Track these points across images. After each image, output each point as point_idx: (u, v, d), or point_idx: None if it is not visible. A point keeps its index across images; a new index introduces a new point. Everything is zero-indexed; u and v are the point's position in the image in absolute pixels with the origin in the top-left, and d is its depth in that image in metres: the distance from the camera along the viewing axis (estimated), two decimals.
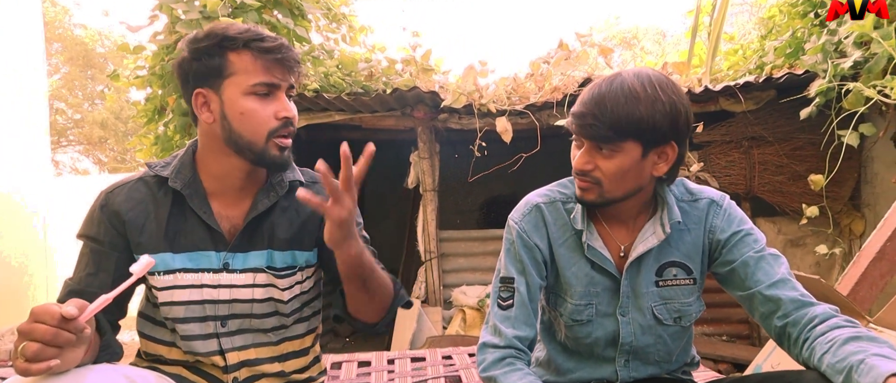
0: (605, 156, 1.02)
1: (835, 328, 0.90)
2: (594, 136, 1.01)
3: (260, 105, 1.06)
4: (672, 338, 1.14)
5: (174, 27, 3.34)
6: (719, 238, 1.09)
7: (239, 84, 1.05)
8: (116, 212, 1.13)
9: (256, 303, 1.16)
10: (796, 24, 3.43)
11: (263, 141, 1.07)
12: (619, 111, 0.97)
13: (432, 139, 3.73)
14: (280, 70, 1.07)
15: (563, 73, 3.16)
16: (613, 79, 1.02)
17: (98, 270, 1.11)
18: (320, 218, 1.17)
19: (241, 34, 1.04)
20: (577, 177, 1.08)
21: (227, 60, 1.05)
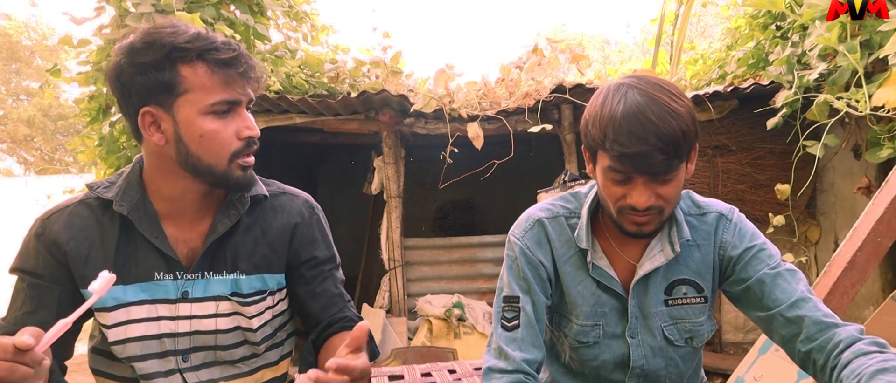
0: (662, 183, 0.92)
1: (860, 355, 0.84)
2: (661, 172, 0.91)
3: (221, 125, 0.94)
4: (683, 360, 1.08)
5: (123, 21, 3.11)
6: (731, 254, 1.03)
7: (195, 102, 0.92)
8: (55, 242, 0.98)
9: (221, 334, 1.04)
10: (759, 36, 3.50)
11: (226, 163, 0.96)
12: (675, 136, 0.88)
13: (397, 144, 3.61)
14: (240, 84, 0.94)
15: (534, 78, 3.11)
16: (635, 97, 0.89)
17: (37, 308, 0.97)
18: (290, 235, 1.08)
19: (191, 43, 0.90)
20: (637, 214, 0.95)
21: (178, 75, 0.90)
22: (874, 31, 2.40)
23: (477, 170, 3.31)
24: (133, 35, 0.93)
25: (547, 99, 3.02)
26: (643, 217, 0.94)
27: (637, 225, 0.96)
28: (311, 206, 1.14)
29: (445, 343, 3.42)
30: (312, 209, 1.14)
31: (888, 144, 2.39)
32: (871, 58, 2.41)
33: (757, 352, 1.87)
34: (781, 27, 3.37)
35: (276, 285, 1.08)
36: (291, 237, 1.08)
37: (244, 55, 0.95)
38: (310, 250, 1.10)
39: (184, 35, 0.90)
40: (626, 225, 0.97)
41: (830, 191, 3.59)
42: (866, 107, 2.30)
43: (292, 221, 1.09)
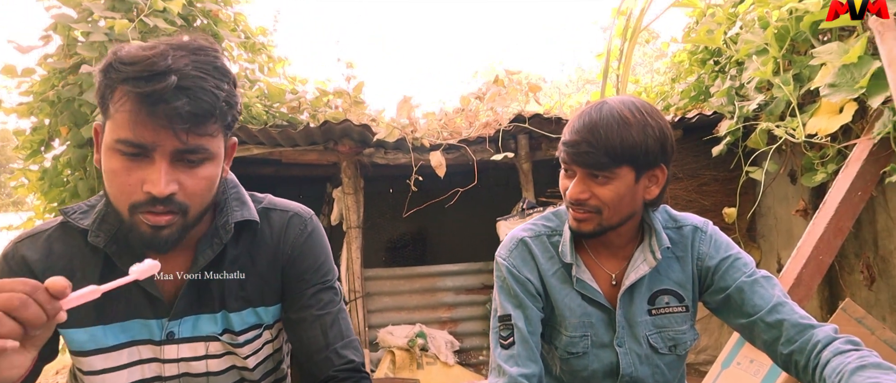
0: (600, 183, 1.01)
1: (839, 354, 0.90)
2: (589, 164, 1.00)
3: (123, 166, 0.78)
4: (669, 368, 1.13)
5: (71, 50, 3.02)
6: (709, 265, 1.10)
7: (110, 132, 0.78)
8: (27, 266, 0.87)
9: (213, 376, 0.96)
10: (699, 70, 3.73)
11: (127, 213, 0.80)
12: (612, 137, 0.97)
13: (357, 174, 3.61)
14: (153, 128, 0.75)
15: (493, 108, 3.20)
16: (601, 106, 1.02)
17: None
18: (282, 264, 0.98)
19: (127, 63, 0.75)
20: (572, 207, 1.06)
21: (111, 96, 0.78)
22: (804, 65, 2.61)
23: (440, 199, 3.34)
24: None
25: (507, 128, 3.11)
26: (580, 213, 1.04)
27: (576, 221, 1.05)
28: (303, 224, 1.02)
29: (408, 373, 3.38)
30: (304, 227, 1.02)
31: (822, 169, 2.58)
32: (803, 89, 2.62)
33: (720, 367, 1.96)
34: (719, 62, 3.61)
35: (271, 318, 1.00)
36: (282, 265, 0.99)
37: (173, 94, 0.75)
38: (298, 285, 0.99)
39: (128, 55, 0.77)
40: (570, 220, 1.05)
41: (769, 215, 3.81)
42: (801, 134, 2.48)
43: (282, 246, 0.98)
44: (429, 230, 6.35)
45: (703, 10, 3.70)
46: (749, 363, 1.82)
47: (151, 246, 0.82)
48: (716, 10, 3.45)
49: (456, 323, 3.82)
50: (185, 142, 0.78)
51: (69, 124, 3.03)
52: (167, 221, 0.81)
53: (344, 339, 0.98)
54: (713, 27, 3.36)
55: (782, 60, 2.73)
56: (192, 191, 0.82)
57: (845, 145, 2.46)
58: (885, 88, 2.00)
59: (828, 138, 2.45)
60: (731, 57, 3.30)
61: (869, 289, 2.85)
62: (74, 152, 3.05)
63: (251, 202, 1.00)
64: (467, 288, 3.85)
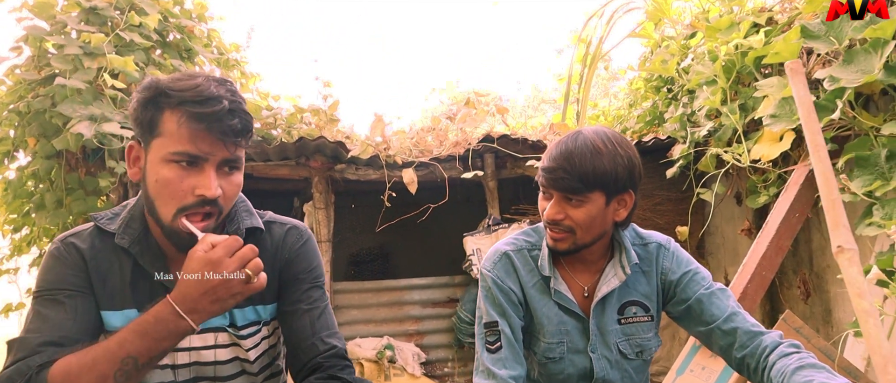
0: (574, 206, 1.14)
1: (782, 357, 1.06)
2: (565, 188, 1.12)
3: (177, 175, 0.94)
4: (636, 372, 1.26)
5: (42, 61, 3.00)
6: (671, 279, 1.25)
7: (162, 147, 0.94)
8: (80, 254, 1.01)
9: (220, 365, 1.08)
10: (653, 97, 3.98)
11: (171, 216, 0.96)
12: (585, 165, 1.10)
13: (328, 189, 3.68)
14: (209, 141, 0.94)
15: (462, 128, 3.35)
16: (576, 136, 1.15)
17: (76, 316, 0.98)
18: (279, 268, 1.12)
19: (180, 92, 0.93)
20: (549, 227, 1.18)
21: (160, 118, 0.94)
22: (749, 96, 2.86)
23: (412, 214, 3.45)
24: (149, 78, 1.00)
25: (476, 147, 3.25)
26: (556, 232, 1.17)
27: (553, 239, 1.18)
28: (299, 235, 1.17)
29: None
30: (300, 237, 1.16)
31: (764, 192, 2.81)
32: (748, 118, 2.86)
33: (675, 373, 2.12)
34: (672, 90, 3.87)
35: (269, 316, 1.13)
36: (280, 268, 1.13)
37: (225, 113, 0.94)
38: (293, 283, 1.12)
39: (181, 82, 0.95)
40: (547, 238, 1.19)
41: (717, 234, 4.07)
42: (747, 160, 2.71)
43: (280, 251, 1.13)
44: (394, 245, 6.43)
45: (658, 41, 3.96)
46: (701, 369, 1.99)
47: (186, 248, 0.96)
48: (670, 41, 3.71)
49: (422, 336, 3.91)
50: (232, 153, 0.97)
51: (38, 135, 3.00)
52: (205, 226, 0.98)
53: (329, 330, 1.11)
54: (667, 58, 3.60)
55: (729, 91, 2.97)
56: (228, 195, 1.00)
57: (785, 170, 2.70)
58: (820, 120, 2.23)
59: (770, 164, 2.69)
60: (683, 86, 3.55)
61: (805, 303, 3.10)
62: (42, 163, 3.03)
63: (257, 215, 1.15)
64: (434, 301, 3.95)
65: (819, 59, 2.59)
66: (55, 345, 0.93)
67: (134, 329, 0.89)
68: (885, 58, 2.06)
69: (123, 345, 0.87)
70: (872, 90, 2.32)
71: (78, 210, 3.17)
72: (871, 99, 2.42)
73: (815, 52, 2.57)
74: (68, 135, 2.69)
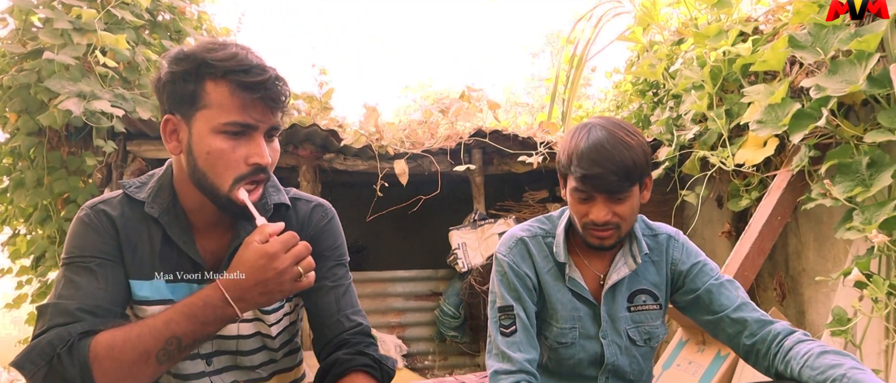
0: (618, 203, 1.15)
1: (801, 342, 1.10)
2: (612, 191, 1.13)
3: (229, 146, 0.95)
4: (643, 358, 1.30)
5: (27, 35, 2.92)
6: (681, 269, 1.29)
7: (210, 119, 0.94)
8: (112, 221, 1.01)
9: (242, 339, 1.09)
10: (639, 100, 4.06)
11: (228, 187, 0.97)
12: (626, 162, 1.11)
13: (316, 179, 3.66)
14: (260, 110, 0.95)
15: (453, 122, 3.37)
16: (598, 132, 1.14)
17: (108, 285, 0.97)
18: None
19: (223, 61, 0.93)
20: (595, 228, 1.17)
21: (203, 89, 0.94)
22: (735, 102, 2.94)
23: (402, 206, 3.46)
24: (180, 48, 1.00)
25: (468, 142, 3.28)
26: (603, 231, 1.17)
27: (599, 239, 1.18)
28: (324, 212, 1.18)
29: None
30: (325, 214, 1.18)
31: (746, 195, 2.90)
32: (733, 124, 2.94)
33: (661, 368, 2.18)
34: (658, 94, 3.95)
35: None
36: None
37: (272, 80, 0.95)
38: (317, 260, 1.07)
39: (219, 52, 0.94)
40: (589, 238, 1.19)
41: (697, 235, 4.17)
42: (731, 163, 2.80)
43: (306, 228, 1.14)
44: (377, 238, 6.41)
45: (646, 45, 4.04)
46: (688, 364, 2.05)
47: (240, 215, 1.00)
48: (658, 46, 3.79)
49: (404, 328, 3.92)
50: (278, 121, 0.99)
51: (19, 111, 2.92)
52: (259, 192, 1.01)
53: (353, 308, 1.13)
54: (655, 62, 3.68)
55: (715, 96, 3.06)
56: (274, 162, 1.03)
57: (767, 175, 2.79)
58: (805, 127, 2.32)
59: (753, 168, 2.77)
60: (669, 90, 3.63)
61: (780, 305, 3.21)
62: (24, 140, 2.95)
63: (283, 191, 1.15)
64: (416, 294, 3.97)
65: (802, 69, 2.69)
66: (91, 314, 0.93)
67: (181, 310, 0.89)
68: (869, 69, 2.15)
69: (169, 325, 0.88)
70: (854, 100, 2.42)
71: (59, 190, 3.10)
72: (853, 109, 2.52)
73: (798, 61, 2.66)
74: (55, 112, 2.63)
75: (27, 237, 3.43)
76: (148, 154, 3.25)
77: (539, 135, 3.33)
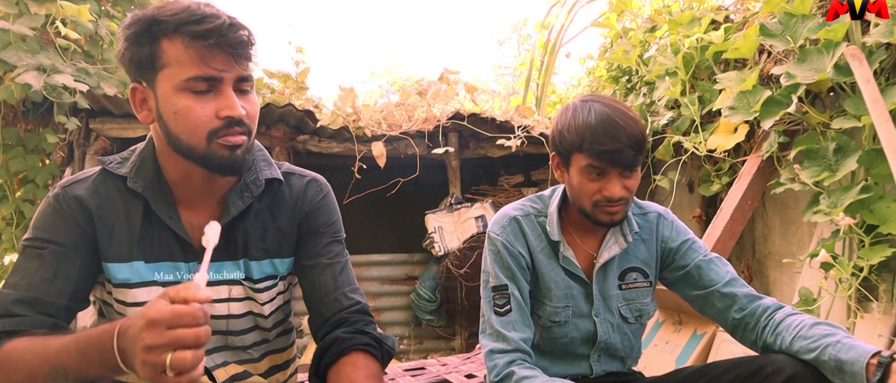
0: (629, 177, 1.15)
1: (791, 315, 1.12)
2: (630, 165, 1.13)
3: (196, 102, 0.89)
4: (634, 335, 1.32)
5: None
6: (671, 246, 1.30)
7: (171, 78, 0.89)
8: (83, 206, 0.95)
9: (233, 319, 1.04)
10: (613, 87, 4.11)
11: (205, 143, 0.91)
12: (638, 135, 1.13)
13: (289, 161, 3.59)
14: (221, 59, 0.89)
15: (430, 105, 3.35)
16: (601, 108, 1.14)
17: (56, 276, 0.92)
18: (298, 221, 1.08)
19: (173, 16, 0.87)
20: (609, 204, 1.15)
21: (159, 49, 0.88)
22: (707, 89, 3.00)
23: (382, 187, 3.43)
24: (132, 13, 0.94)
25: (446, 125, 3.26)
26: (615, 206, 1.16)
27: (610, 214, 1.18)
28: (319, 187, 1.13)
29: None
30: (320, 190, 1.13)
31: (717, 180, 2.97)
32: (705, 110, 3.00)
33: None
34: (631, 80, 4.00)
35: (286, 270, 1.09)
36: (299, 221, 1.09)
37: (228, 26, 0.88)
38: (312, 237, 1.09)
39: (166, 9, 0.88)
40: (600, 216, 1.18)
41: None
42: (704, 149, 2.86)
43: (300, 204, 1.09)
44: (352, 221, 6.33)
45: (620, 32, 4.08)
46: (665, 344, 2.09)
47: (228, 167, 0.93)
48: (632, 33, 3.83)
49: (380, 313, 3.90)
50: (245, 70, 0.93)
51: None
52: (241, 141, 0.93)
53: (351, 285, 1.10)
54: (628, 49, 3.72)
55: (688, 83, 3.12)
56: (252, 115, 0.95)
57: (738, 160, 2.86)
58: (775, 113, 2.38)
59: (724, 153, 2.84)
60: (643, 76, 3.68)
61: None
62: None
63: (275, 166, 1.10)
64: (392, 278, 3.95)
65: (771, 57, 2.76)
66: (28, 306, 0.88)
67: (77, 340, 0.81)
68: (836, 58, 2.21)
69: (60, 353, 0.80)
70: (821, 88, 2.49)
71: (15, 169, 2.96)
72: (819, 96, 2.60)
73: (767, 49, 2.73)
74: (12, 85, 2.50)
75: None
76: (112, 132, 3.12)
77: (516, 120, 3.33)
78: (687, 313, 2.06)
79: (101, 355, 0.77)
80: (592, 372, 1.30)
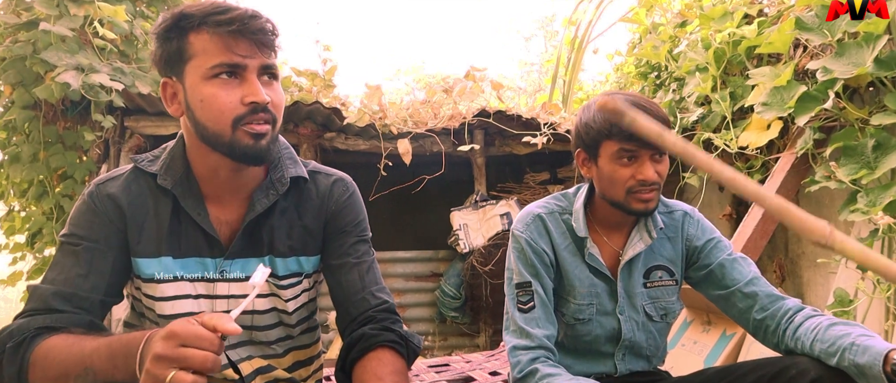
0: (659, 162, 1.16)
1: (811, 317, 1.10)
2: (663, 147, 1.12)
3: (223, 90, 0.92)
4: (659, 334, 1.30)
5: (20, 5, 2.85)
6: (696, 245, 1.28)
7: (198, 67, 0.92)
8: (115, 204, 0.98)
9: (257, 315, 1.06)
10: (642, 83, 4.05)
11: (230, 130, 0.93)
12: (664, 117, 1.14)
13: (316, 158, 3.63)
14: (244, 46, 0.92)
15: (456, 102, 3.34)
16: (624, 96, 1.15)
17: (90, 271, 0.95)
18: (325, 220, 1.09)
19: (199, 10, 0.92)
20: (644, 190, 1.15)
21: (186, 42, 0.92)
22: (739, 84, 2.94)
23: (405, 185, 3.45)
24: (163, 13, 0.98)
25: (472, 122, 3.26)
26: (650, 193, 1.16)
27: (645, 202, 1.16)
28: (345, 186, 1.14)
29: None
30: (346, 188, 1.14)
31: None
32: (737, 106, 2.94)
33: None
34: (660, 76, 3.93)
35: (311, 268, 1.10)
36: (325, 219, 1.10)
37: (249, 15, 0.92)
38: (339, 236, 1.10)
39: (194, 6, 0.93)
40: (635, 205, 1.17)
41: None
42: (735, 146, 2.79)
43: (326, 203, 1.10)
44: (378, 218, 6.39)
45: (648, 27, 4.01)
46: (693, 344, 2.06)
47: (253, 156, 0.95)
48: (661, 28, 3.76)
49: (405, 309, 3.92)
50: (268, 58, 0.95)
51: (14, 83, 2.87)
52: (266, 130, 0.95)
53: (378, 284, 1.10)
54: (658, 44, 3.66)
55: (719, 79, 3.05)
56: (276, 104, 0.97)
57: (770, 158, 2.79)
58: (810, 109, 2.31)
59: (756, 151, 2.78)
60: (672, 72, 3.61)
61: (780, 286, 3.23)
62: (19, 114, 2.89)
63: (302, 164, 1.11)
64: (417, 275, 3.97)
65: (808, 51, 2.68)
66: (65, 300, 0.92)
67: (109, 344, 0.84)
68: (877, 51, 2.14)
69: (92, 356, 0.83)
70: (860, 83, 2.41)
71: (55, 165, 3.05)
72: (858, 91, 2.51)
73: (803, 43, 2.65)
74: (52, 84, 2.58)
75: (22, 213, 3.39)
76: (146, 130, 3.21)
77: (542, 117, 3.31)
78: (716, 313, 2.02)
79: (126, 360, 0.81)
80: (617, 371, 1.29)
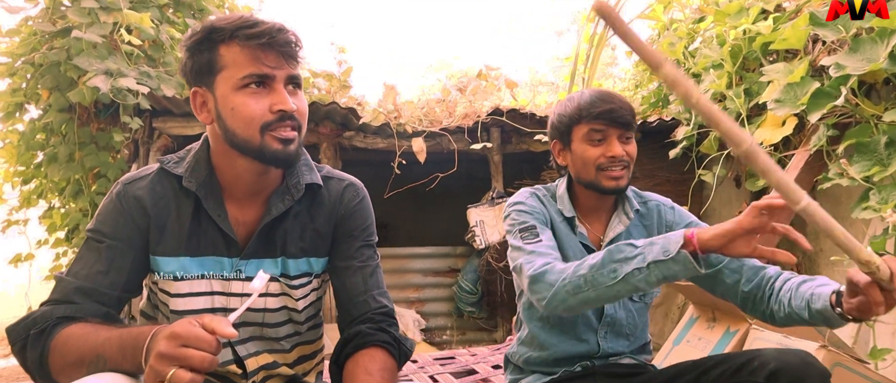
0: (627, 142, 1.25)
1: (788, 280, 1.15)
2: (625, 124, 1.23)
3: (252, 99, 0.97)
4: (638, 313, 1.36)
5: (56, 13, 3.01)
6: (675, 229, 1.32)
7: (229, 78, 0.97)
8: (140, 204, 1.04)
9: (269, 313, 1.12)
10: (658, 79, 4.03)
11: (259, 136, 0.98)
12: (629, 104, 1.25)
13: (336, 156, 3.73)
14: (272, 58, 0.97)
15: (471, 100, 3.40)
16: (591, 89, 1.28)
17: (110, 268, 1.02)
18: (335, 223, 1.15)
19: (229, 24, 0.97)
20: (612, 167, 1.24)
21: (217, 54, 0.98)
22: (754, 81, 2.92)
23: (421, 183, 3.52)
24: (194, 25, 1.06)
25: (485, 120, 3.31)
26: (619, 171, 1.24)
27: (614, 180, 1.25)
28: (356, 192, 1.19)
29: None
30: (357, 194, 1.18)
31: None
32: (752, 103, 2.92)
33: (671, 344, 2.21)
34: None
35: (320, 268, 1.15)
36: (335, 223, 1.15)
37: (276, 29, 0.97)
38: (346, 240, 1.15)
39: (223, 20, 0.99)
40: (605, 182, 1.25)
41: (715, 216, 4.16)
42: None
43: (337, 207, 1.15)
44: (396, 215, 6.51)
45: (666, 24, 4.00)
46: (697, 340, 2.08)
47: (282, 160, 1.01)
48: (678, 24, 3.75)
49: (423, 304, 4.00)
50: (294, 69, 1.02)
51: (51, 88, 3.03)
52: (293, 136, 1.01)
53: (379, 289, 1.16)
54: (675, 41, 3.65)
55: (735, 75, 3.03)
56: (301, 112, 1.03)
57: (785, 155, 2.77)
58: (823, 106, 2.30)
59: (771, 147, 2.76)
60: (689, 69, 3.60)
61: None
62: (56, 116, 3.05)
63: (316, 169, 1.18)
64: (435, 270, 4.04)
65: (824, 47, 2.65)
66: (86, 295, 1.00)
67: (120, 336, 0.90)
68: (891, 47, 2.12)
69: (104, 345, 0.90)
70: (875, 79, 2.38)
71: (89, 164, 3.21)
72: (874, 87, 2.48)
73: (820, 39, 2.63)
74: (84, 88, 2.72)
75: (61, 210, 3.57)
76: (173, 130, 3.34)
77: None
78: (721, 310, 2.04)
79: (133, 353, 0.88)
80: (600, 349, 1.33)
